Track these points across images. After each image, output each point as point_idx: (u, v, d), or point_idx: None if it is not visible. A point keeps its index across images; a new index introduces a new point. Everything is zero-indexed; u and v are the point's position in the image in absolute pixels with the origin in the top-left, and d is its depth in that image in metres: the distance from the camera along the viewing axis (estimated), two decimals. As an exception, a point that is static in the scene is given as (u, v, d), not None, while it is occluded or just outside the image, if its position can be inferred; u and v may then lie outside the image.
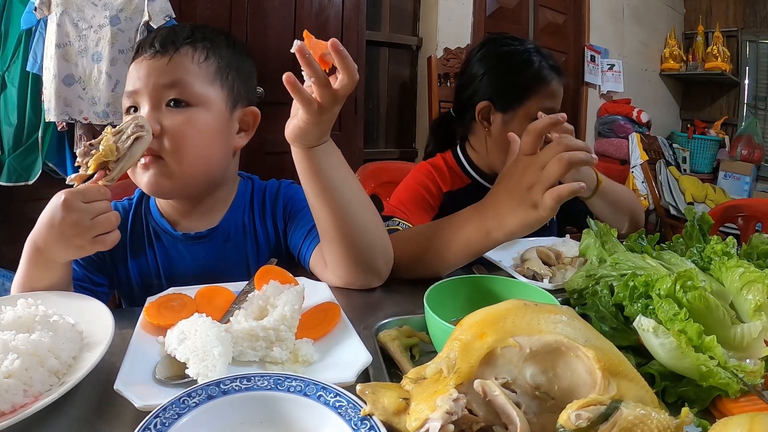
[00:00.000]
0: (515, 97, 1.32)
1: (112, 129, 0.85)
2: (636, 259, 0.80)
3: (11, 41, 2.16)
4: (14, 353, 0.58)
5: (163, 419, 0.49)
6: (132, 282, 1.05)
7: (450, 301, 0.77)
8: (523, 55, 1.35)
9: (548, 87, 1.31)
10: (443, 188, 1.39)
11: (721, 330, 0.64)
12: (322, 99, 0.78)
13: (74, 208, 0.77)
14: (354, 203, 0.90)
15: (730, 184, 4.52)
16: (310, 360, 0.67)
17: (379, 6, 3.42)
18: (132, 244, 1.06)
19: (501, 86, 1.34)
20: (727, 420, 0.47)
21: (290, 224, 1.08)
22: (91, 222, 0.78)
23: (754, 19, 4.96)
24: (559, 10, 4.18)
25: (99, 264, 1.05)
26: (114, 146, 0.82)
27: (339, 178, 0.89)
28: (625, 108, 4.45)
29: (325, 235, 0.93)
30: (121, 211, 1.07)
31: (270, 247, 1.08)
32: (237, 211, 1.08)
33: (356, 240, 0.90)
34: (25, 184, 2.18)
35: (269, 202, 1.10)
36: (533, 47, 1.37)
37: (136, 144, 0.85)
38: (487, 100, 1.35)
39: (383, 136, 3.58)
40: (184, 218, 1.06)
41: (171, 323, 0.70)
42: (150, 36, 0.98)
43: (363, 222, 0.91)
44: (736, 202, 2.12)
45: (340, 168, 0.89)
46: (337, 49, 0.74)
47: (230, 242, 1.06)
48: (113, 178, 0.83)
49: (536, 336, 0.50)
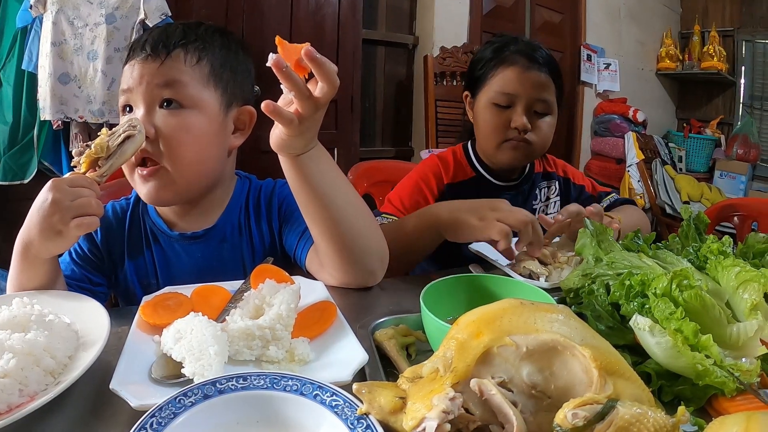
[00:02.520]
0: (478, 80, 1.38)
1: (108, 130, 0.86)
2: (632, 258, 0.80)
3: (6, 39, 2.15)
4: (9, 353, 0.58)
5: (159, 419, 0.49)
6: (129, 282, 1.05)
7: (446, 300, 0.77)
8: (496, 43, 1.38)
9: (506, 69, 1.31)
10: (445, 180, 1.41)
11: (717, 329, 0.64)
12: (304, 110, 0.76)
13: (57, 188, 0.78)
14: (346, 208, 0.89)
15: (726, 184, 4.53)
16: (306, 359, 0.66)
17: (376, 4, 3.42)
18: (129, 245, 1.06)
19: (470, 72, 1.43)
20: (723, 419, 0.47)
21: (285, 225, 1.07)
22: (71, 203, 0.77)
23: (750, 19, 4.98)
24: (555, 9, 4.18)
25: (97, 264, 1.05)
26: (105, 143, 0.83)
27: (329, 184, 0.88)
28: (622, 107, 4.46)
29: (317, 239, 0.93)
30: (119, 211, 1.08)
31: (265, 247, 1.08)
32: (233, 211, 1.08)
33: (350, 244, 0.90)
34: (21, 183, 2.17)
35: (264, 203, 1.10)
36: (515, 38, 1.38)
37: (127, 143, 0.85)
38: (467, 89, 1.44)
39: (379, 135, 3.58)
40: (181, 219, 1.06)
41: (167, 322, 0.70)
42: (142, 37, 0.97)
43: (356, 226, 0.90)
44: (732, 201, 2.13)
45: (329, 173, 0.88)
46: (313, 58, 0.71)
47: (226, 242, 1.06)
48: (103, 174, 0.83)
49: (533, 335, 0.50)
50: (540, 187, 1.47)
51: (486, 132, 1.35)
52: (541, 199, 1.47)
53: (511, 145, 1.32)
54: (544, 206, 1.47)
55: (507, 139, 1.31)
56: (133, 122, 0.87)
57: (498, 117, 1.31)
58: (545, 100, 1.31)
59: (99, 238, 1.05)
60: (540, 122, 1.32)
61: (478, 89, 1.38)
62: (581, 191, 1.53)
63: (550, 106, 1.32)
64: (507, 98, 1.30)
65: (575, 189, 1.53)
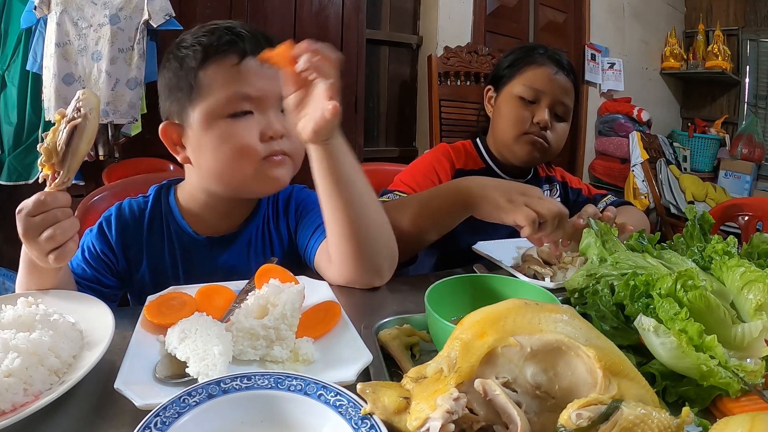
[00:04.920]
0: (504, 76, 1.43)
1: (61, 116, 0.75)
2: (636, 259, 0.80)
3: (11, 40, 2.16)
4: (14, 352, 0.58)
5: (163, 418, 0.49)
6: (146, 284, 1.03)
7: (451, 300, 0.77)
8: (527, 47, 1.45)
9: (536, 68, 1.38)
10: (456, 165, 1.43)
11: (722, 329, 0.64)
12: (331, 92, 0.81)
13: (23, 219, 0.74)
14: (364, 200, 0.91)
15: (731, 183, 4.52)
16: (310, 359, 0.67)
17: (380, 4, 3.42)
18: (149, 245, 1.04)
19: (497, 68, 1.49)
20: (727, 419, 0.47)
21: (299, 223, 1.08)
22: (41, 237, 0.74)
23: (754, 18, 4.95)
24: (559, 8, 4.17)
25: (110, 266, 1.02)
26: (53, 147, 0.73)
27: (352, 173, 0.90)
28: (626, 107, 4.44)
29: (332, 231, 0.93)
30: (136, 210, 1.05)
31: (285, 250, 1.09)
32: (258, 214, 1.08)
33: (363, 238, 0.91)
34: (26, 183, 2.18)
35: (282, 206, 1.11)
36: (545, 45, 1.45)
37: (75, 137, 0.73)
38: (490, 84, 1.50)
39: (383, 135, 3.58)
40: (207, 222, 1.04)
41: (171, 322, 0.70)
42: (237, 40, 0.96)
43: (371, 221, 0.92)
44: (737, 201, 2.12)
45: (353, 163, 0.91)
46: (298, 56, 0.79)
47: (251, 246, 1.06)
48: (62, 183, 0.75)
49: (537, 335, 0.49)
50: (543, 189, 1.49)
51: (507, 123, 1.39)
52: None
53: (530, 139, 1.36)
54: None
55: (526, 132, 1.36)
56: (80, 104, 0.73)
57: (522, 109, 1.37)
58: (566, 104, 1.39)
59: (113, 237, 1.02)
60: (557, 125, 1.39)
61: (503, 84, 1.43)
62: (579, 194, 1.58)
63: (568, 111, 1.40)
64: (534, 93, 1.36)
65: (573, 192, 1.58)
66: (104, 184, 1.69)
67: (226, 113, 0.93)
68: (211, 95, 0.93)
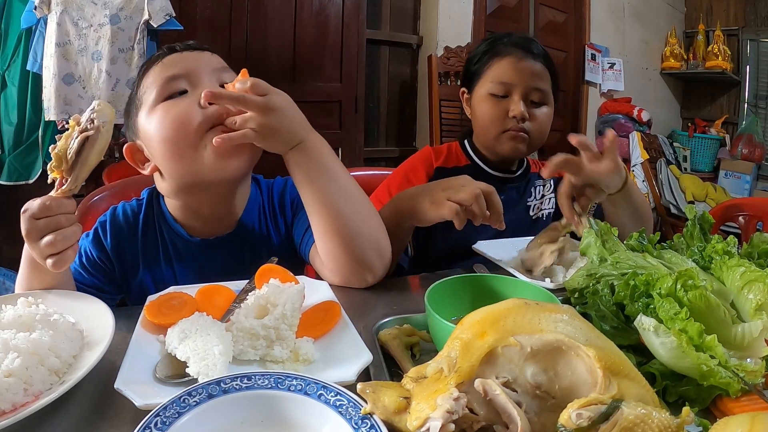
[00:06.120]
0: (474, 75, 1.41)
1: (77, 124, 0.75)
2: (637, 258, 0.80)
3: (11, 40, 2.17)
4: (14, 352, 0.58)
5: (163, 418, 0.49)
6: (145, 290, 1.00)
7: (451, 300, 0.77)
8: (489, 39, 1.42)
9: (501, 60, 1.35)
10: (435, 164, 1.41)
11: (722, 329, 0.64)
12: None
13: (27, 221, 0.75)
14: (343, 202, 0.91)
15: (731, 183, 4.52)
16: (310, 359, 0.66)
17: (380, 5, 3.42)
18: (144, 253, 1.02)
19: (466, 69, 1.47)
20: (727, 419, 0.47)
21: (295, 218, 1.07)
22: (41, 241, 0.74)
23: (754, 18, 4.96)
24: (559, 8, 4.18)
25: (107, 272, 1.01)
26: (63, 154, 0.74)
27: (325, 179, 0.91)
28: (626, 107, 4.45)
29: (315, 235, 0.94)
30: (130, 215, 1.04)
31: (284, 247, 1.07)
32: (251, 213, 1.06)
33: (348, 240, 0.91)
34: (26, 183, 2.18)
35: (277, 201, 1.09)
36: (509, 33, 1.42)
37: (86, 148, 0.74)
38: (463, 86, 1.47)
39: (383, 135, 3.58)
40: (201, 224, 1.02)
41: (171, 322, 0.70)
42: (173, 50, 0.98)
43: (353, 221, 0.91)
44: (737, 201, 2.12)
45: (324, 168, 0.91)
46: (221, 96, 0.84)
47: (247, 245, 1.04)
48: (69, 190, 0.76)
49: (537, 335, 0.49)
50: (536, 185, 1.48)
51: (484, 124, 1.37)
52: (536, 196, 1.48)
53: (510, 135, 1.33)
54: (539, 203, 1.48)
55: (505, 129, 1.33)
56: (94, 114, 0.74)
57: (495, 107, 1.34)
58: (541, 88, 1.33)
59: (109, 244, 1.01)
60: (537, 112, 1.34)
61: (474, 84, 1.40)
62: None
63: (545, 95, 1.35)
64: (503, 88, 1.33)
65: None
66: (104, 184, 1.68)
67: (162, 99, 0.92)
68: (148, 95, 0.94)
